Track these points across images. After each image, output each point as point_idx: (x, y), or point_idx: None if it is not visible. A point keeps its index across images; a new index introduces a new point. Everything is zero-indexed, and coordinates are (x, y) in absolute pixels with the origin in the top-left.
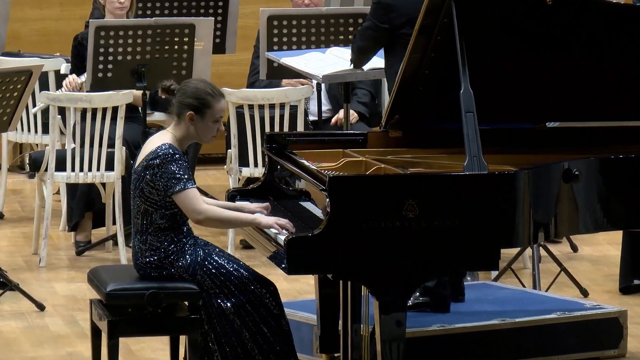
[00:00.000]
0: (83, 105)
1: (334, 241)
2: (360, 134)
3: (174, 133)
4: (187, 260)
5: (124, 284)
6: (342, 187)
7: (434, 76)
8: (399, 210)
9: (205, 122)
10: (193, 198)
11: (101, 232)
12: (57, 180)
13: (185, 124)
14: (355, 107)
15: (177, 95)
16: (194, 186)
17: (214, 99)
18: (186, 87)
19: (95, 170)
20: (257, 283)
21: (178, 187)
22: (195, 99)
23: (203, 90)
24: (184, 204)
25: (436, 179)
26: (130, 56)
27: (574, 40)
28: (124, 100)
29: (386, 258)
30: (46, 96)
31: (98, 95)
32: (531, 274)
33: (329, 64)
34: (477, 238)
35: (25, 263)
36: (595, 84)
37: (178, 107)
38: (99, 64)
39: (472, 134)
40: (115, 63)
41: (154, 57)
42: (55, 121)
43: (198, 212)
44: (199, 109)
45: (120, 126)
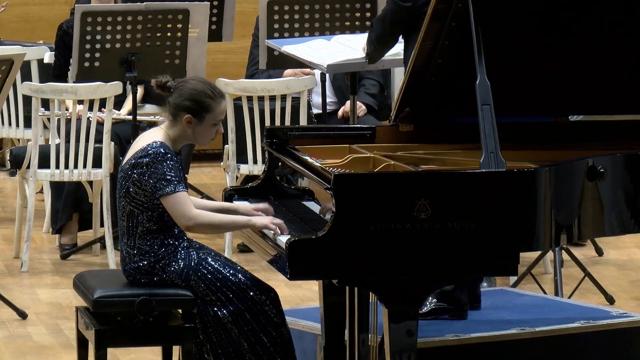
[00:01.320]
0: (68, 96)
1: (339, 244)
2: (368, 128)
3: (167, 132)
4: (179, 264)
5: (113, 290)
6: (348, 186)
7: (448, 66)
8: (409, 210)
9: (204, 125)
10: (183, 203)
11: (88, 235)
12: (40, 178)
13: (182, 125)
14: (363, 99)
15: (174, 94)
16: (184, 190)
17: (214, 102)
18: (183, 87)
19: (81, 168)
20: (257, 289)
21: (168, 189)
22: (193, 102)
23: (202, 92)
24: (172, 208)
25: (450, 177)
26: (119, 44)
27: (598, 26)
28: (113, 91)
29: (396, 262)
30: (28, 87)
31: (84, 86)
32: (552, 279)
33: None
34: (494, 241)
35: (6, 268)
36: (623, 74)
37: (174, 108)
38: (86, 52)
39: (488, 128)
40: (103, 51)
41: (145, 46)
42: (38, 114)
43: (188, 217)
44: (198, 113)
45: (109, 119)
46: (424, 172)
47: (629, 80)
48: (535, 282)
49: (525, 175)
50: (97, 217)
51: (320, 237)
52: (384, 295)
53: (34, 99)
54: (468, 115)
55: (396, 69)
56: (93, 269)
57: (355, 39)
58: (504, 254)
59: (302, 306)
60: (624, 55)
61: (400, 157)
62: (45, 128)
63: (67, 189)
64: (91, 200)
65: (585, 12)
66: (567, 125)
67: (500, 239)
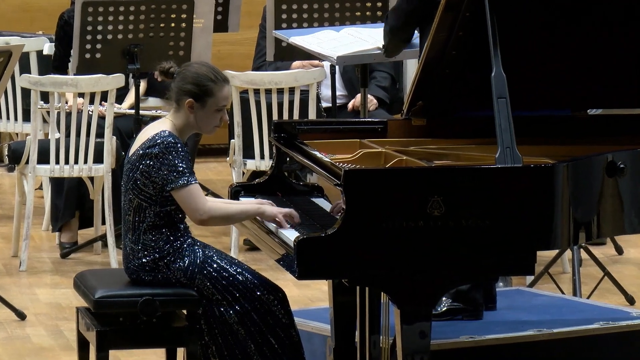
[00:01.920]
0: (68, 89)
1: (349, 242)
2: (380, 122)
3: (174, 121)
4: (184, 262)
5: (115, 290)
6: (359, 182)
7: (462, 57)
8: (422, 207)
9: (206, 111)
10: (196, 196)
11: (89, 233)
12: (39, 174)
13: (185, 112)
14: (374, 92)
15: (176, 79)
16: (196, 182)
17: (216, 86)
18: (186, 71)
19: (82, 163)
20: (264, 289)
21: (180, 181)
22: (195, 86)
23: (204, 75)
24: (185, 201)
25: (464, 172)
26: (122, 35)
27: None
28: (115, 84)
29: (408, 261)
30: (27, 80)
31: (85, 79)
32: (571, 279)
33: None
34: (511, 239)
35: (4, 267)
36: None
37: (177, 93)
38: (87, 43)
39: (504, 123)
40: (105, 43)
41: (148, 36)
42: (37, 107)
43: (202, 211)
44: (200, 97)
45: (111, 113)
46: (437, 168)
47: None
48: (553, 282)
49: (543, 171)
50: (99, 214)
51: (330, 235)
52: (396, 295)
53: (33, 92)
54: (483, 108)
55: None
56: (94, 268)
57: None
58: (521, 252)
59: (311, 307)
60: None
61: (413, 152)
62: (45, 122)
63: (68, 185)
64: (92, 197)
65: (606, 1)
66: (585, 119)
67: (516, 237)
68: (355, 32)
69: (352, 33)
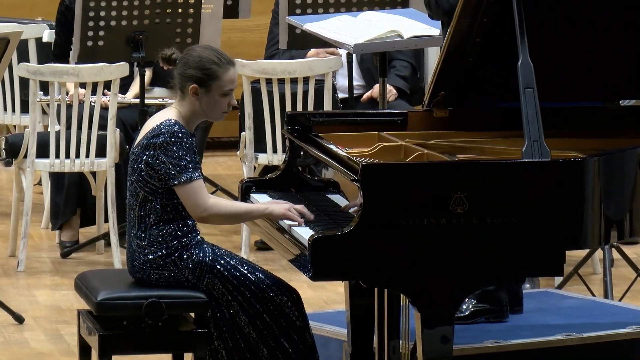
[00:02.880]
0: (69, 79)
1: (367, 241)
2: (399, 114)
3: (179, 110)
4: (193, 260)
5: (118, 291)
6: (378, 177)
7: (487, 45)
8: (445, 204)
9: (211, 96)
10: (198, 192)
11: (91, 231)
12: (38, 168)
13: (190, 99)
14: (393, 82)
15: (179, 65)
16: (200, 177)
17: (220, 69)
18: (188, 55)
19: (84, 157)
20: (277, 290)
21: (183, 177)
22: (198, 70)
23: (207, 58)
24: (186, 197)
25: (489, 167)
26: (126, 21)
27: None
28: (118, 73)
29: (429, 261)
30: (26, 69)
31: (87, 68)
32: (602, 280)
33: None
34: (538, 238)
35: (1, 267)
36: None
37: (180, 79)
38: (89, 30)
39: (531, 114)
40: (108, 29)
41: (154, 23)
42: (36, 99)
43: (202, 208)
44: (204, 81)
45: (114, 104)
46: (460, 162)
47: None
48: (583, 283)
49: (572, 166)
50: (101, 211)
51: (347, 234)
52: (416, 297)
53: (32, 82)
54: (509, 99)
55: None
56: (96, 268)
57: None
58: (549, 252)
59: (326, 309)
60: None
61: (435, 146)
62: (44, 114)
63: (68, 180)
64: (94, 193)
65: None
66: (618, 110)
67: (544, 236)
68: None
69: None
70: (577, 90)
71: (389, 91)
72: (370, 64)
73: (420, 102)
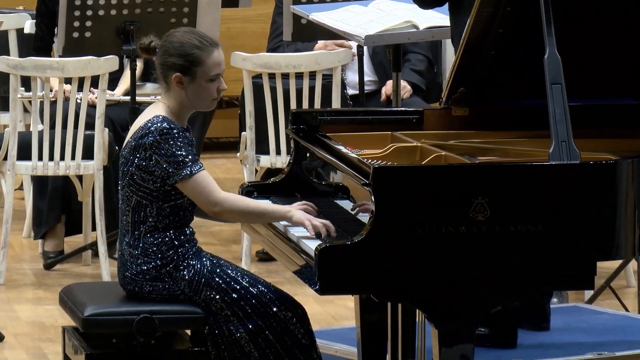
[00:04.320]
0: (54, 74)
1: (379, 251)
2: (414, 112)
3: (167, 103)
4: (190, 270)
5: (107, 306)
6: (391, 181)
7: (510, 37)
8: (464, 211)
9: (197, 83)
10: (205, 184)
11: (77, 240)
12: (19, 172)
13: (175, 90)
14: (408, 77)
15: (159, 54)
16: (202, 168)
17: (203, 52)
18: (168, 42)
19: (69, 159)
20: (281, 305)
21: (183, 172)
22: (179, 57)
23: (188, 43)
24: (193, 193)
25: (513, 170)
26: (115, 11)
27: None
28: (107, 67)
29: (448, 273)
30: (5, 62)
31: (73, 62)
32: (636, 294)
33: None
34: (566, 248)
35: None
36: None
37: (162, 69)
38: (74, 20)
39: (559, 112)
40: (96, 19)
41: (146, 12)
42: (17, 95)
43: (214, 202)
44: (187, 69)
45: (102, 101)
46: (481, 165)
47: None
48: (616, 297)
49: (604, 169)
50: (88, 219)
51: (357, 243)
52: (433, 313)
53: (12, 77)
54: (534, 96)
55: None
56: (83, 281)
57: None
58: (578, 263)
59: (335, 326)
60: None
61: (453, 147)
62: (26, 112)
63: (52, 185)
64: (81, 199)
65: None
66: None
67: (573, 246)
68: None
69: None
70: (609, 85)
71: (403, 87)
72: (383, 58)
73: (438, 99)
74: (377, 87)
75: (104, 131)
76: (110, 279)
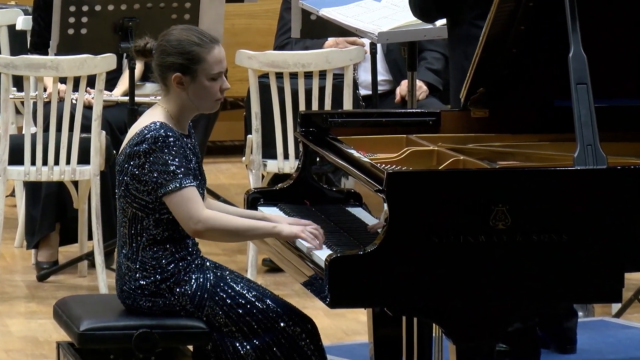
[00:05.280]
0: (48, 73)
1: (394, 261)
2: (431, 114)
3: (166, 107)
4: (191, 285)
5: (104, 320)
6: (406, 187)
7: (533, 34)
8: (484, 219)
9: (198, 83)
10: (190, 201)
11: (72, 250)
12: (11, 177)
13: (175, 91)
14: (424, 77)
15: (156, 55)
16: (192, 184)
17: (203, 49)
18: (165, 41)
19: (64, 164)
20: (289, 319)
21: (171, 185)
22: (178, 55)
23: (187, 40)
24: (177, 208)
25: (535, 176)
26: (113, 6)
27: None
28: (104, 66)
29: (467, 286)
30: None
31: (68, 60)
32: None
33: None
34: (592, 258)
35: None
36: None
37: (160, 70)
38: (70, 16)
39: (585, 114)
40: (92, 15)
41: (145, 8)
42: (8, 96)
43: (196, 219)
44: (187, 68)
45: (99, 102)
46: (502, 170)
47: None
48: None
49: (632, 174)
50: (84, 227)
51: (370, 253)
52: (451, 327)
53: (4, 76)
54: (558, 96)
55: None
56: (79, 293)
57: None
58: (605, 275)
59: (346, 341)
60: None
61: (472, 151)
62: (18, 113)
63: (46, 191)
64: (76, 206)
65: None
66: None
67: (599, 256)
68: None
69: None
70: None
71: (419, 87)
72: (398, 56)
73: None
74: (391, 87)
75: (100, 134)
76: (107, 292)
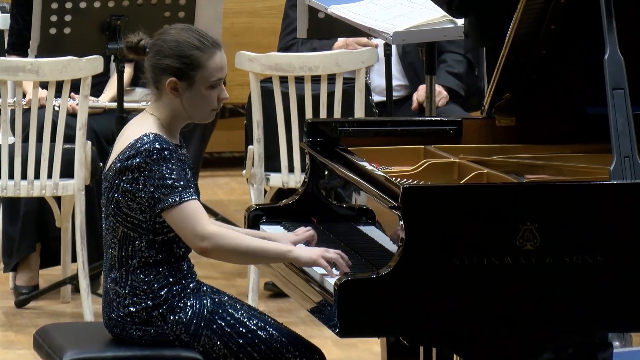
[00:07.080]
0: (27, 77)
1: (410, 286)
2: (451, 123)
3: (157, 115)
4: (187, 312)
5: (90, 351)
6: (424, 204)
7: (564, 34)
8: (510, 239)
9: (195, 90)
10: (194, 216)
11: (54, 273)
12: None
13: (168, 97)
14: (444, 81)
15: (150, 55)
16: (194, 197)
17: (204, 54)
18: (162, 41)
19: (45, 178)
20: (295, 350)
21: (170, 199)
22: (175, 58)
23: (186, 43)
24: (180, 224)
25: (568, 191)
26: (100, 3)
27: None
28: (90, 69)
29: (490, 313)
30: None
31: (50, 63)
32: None
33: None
34: (630, 282)
35: None
36: None
37: (153, 73)
38: (51, 13)
39: (622, 122)
40: (77, 13)
41: (135, 5)
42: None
43: (202, 236)
44: (184, 72)
45: (84, 110)
46: (530, 185)
47: None
48: None
49: None
50: (68, 248)
51: (383, 277)
52: (473, 358)
53: None
54: (593, 103)
55: None
56: (61, 321)
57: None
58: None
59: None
60: None
61: (497, 164)
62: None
63: (25, 208)
64: (59, 225)
65: None
66: None
67: (637, 280)
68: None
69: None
70: None
71: (438, 93)
72: (415, 58)
73: (479, 107)
74: (407, 93)
75: (86, 145)
76: (93, 319)
